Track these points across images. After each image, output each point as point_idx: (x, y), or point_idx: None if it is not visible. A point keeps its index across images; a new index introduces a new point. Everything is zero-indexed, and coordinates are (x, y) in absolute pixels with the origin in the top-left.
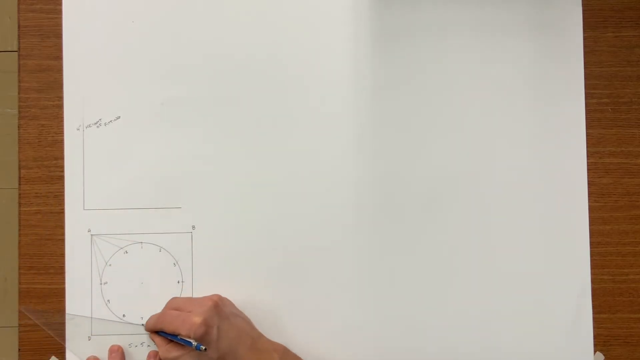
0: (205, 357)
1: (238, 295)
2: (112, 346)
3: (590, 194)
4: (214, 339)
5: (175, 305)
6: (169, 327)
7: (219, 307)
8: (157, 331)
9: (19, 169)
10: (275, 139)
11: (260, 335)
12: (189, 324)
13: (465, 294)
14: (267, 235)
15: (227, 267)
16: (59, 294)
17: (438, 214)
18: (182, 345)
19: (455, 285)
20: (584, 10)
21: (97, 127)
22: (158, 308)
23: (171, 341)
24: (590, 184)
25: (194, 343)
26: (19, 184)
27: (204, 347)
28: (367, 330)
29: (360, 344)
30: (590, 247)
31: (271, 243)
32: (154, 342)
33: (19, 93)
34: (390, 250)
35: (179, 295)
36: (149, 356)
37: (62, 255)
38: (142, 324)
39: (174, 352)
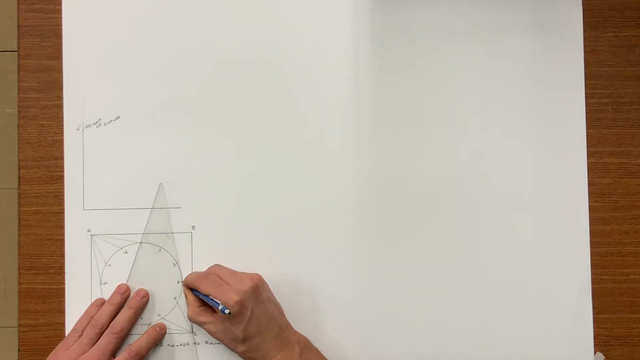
0: (230, 334)
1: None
2: (120, 285)
3: (590, 194)
4: (245, 320)
5: (217, 272)
6: (206, 290)
7: (258, 291)
8: (192, 289)
9: (19, 169)
10: (275, 139)
11: (288, 325)
12: (226, 298)
13: (464, 294)
14: (267, 236)
15: (227, 267)
16: (59, 294)
17: (437, 215)
18: (211, 312)
19: (454, 285)
20: (584, 10)
21: (97, 127)
22: (158, 308)
23: (203, 304)
24: (590, 184)
25: (221, 306)
26: (19, 184)
27: (228, 312)
28: (366, 331)
29: (358, 345)
30: (590, 247)
31: (271, 243)
32: (186, 297)
33: (19, 93)
34: (390, 251)
35: (180, 295)
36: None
37: (62, 255)
38: (142, 324)
39: (202, 316)
